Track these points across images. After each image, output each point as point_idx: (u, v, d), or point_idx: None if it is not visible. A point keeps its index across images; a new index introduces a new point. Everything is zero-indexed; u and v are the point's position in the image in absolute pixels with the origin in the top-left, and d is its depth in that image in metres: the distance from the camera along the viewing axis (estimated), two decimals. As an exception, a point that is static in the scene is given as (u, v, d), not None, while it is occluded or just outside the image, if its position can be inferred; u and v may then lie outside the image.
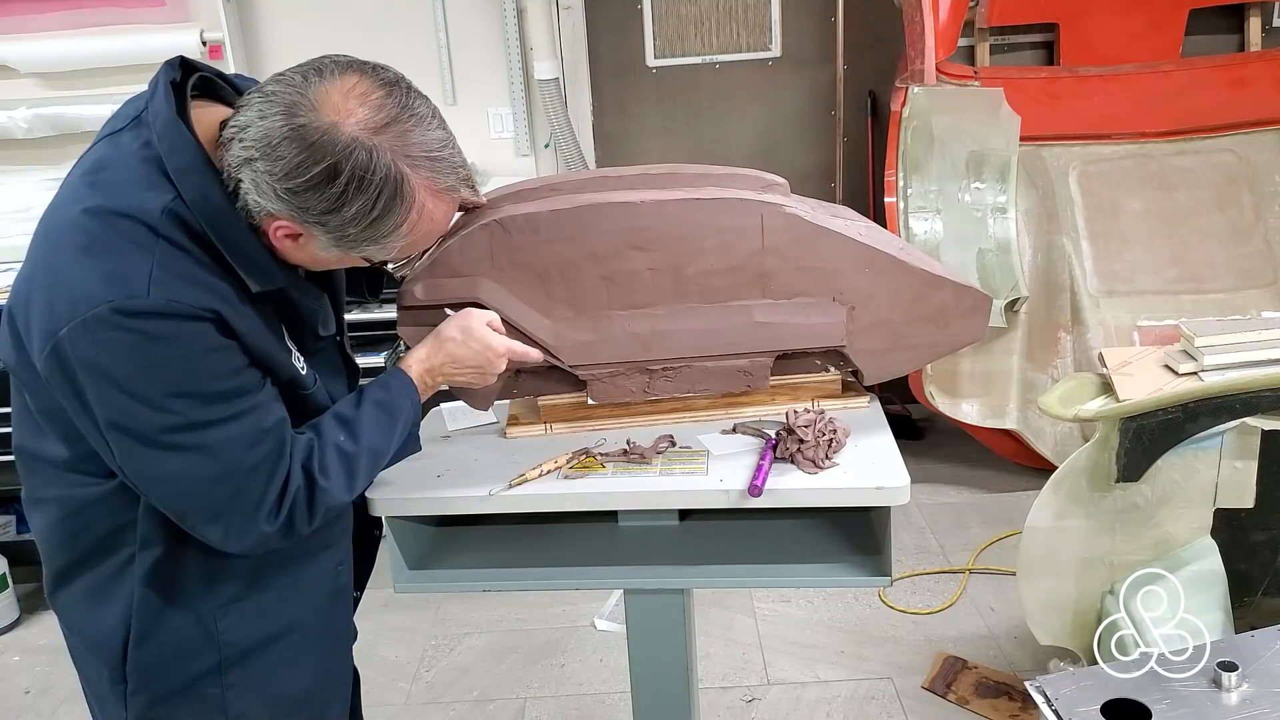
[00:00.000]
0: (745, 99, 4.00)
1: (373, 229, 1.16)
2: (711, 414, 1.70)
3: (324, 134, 1.09)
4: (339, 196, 1.11)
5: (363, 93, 1.12)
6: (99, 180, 1.16)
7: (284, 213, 1.13)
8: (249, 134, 1.11)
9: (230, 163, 1.13)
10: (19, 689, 2.87)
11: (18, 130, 3.68)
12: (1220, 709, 1.37)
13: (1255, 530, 2.18)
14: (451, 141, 1.23)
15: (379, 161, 1.12)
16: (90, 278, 1.07)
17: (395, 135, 1.14)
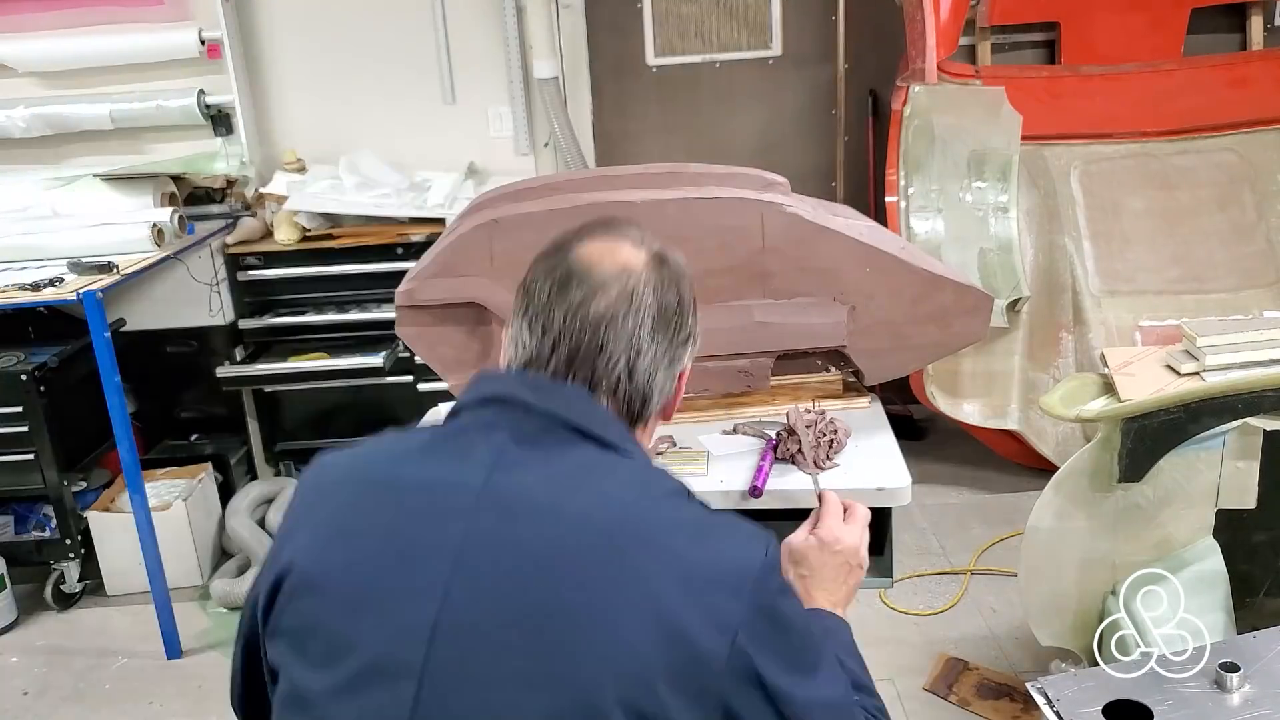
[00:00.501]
0: (745, 98, 3.99)
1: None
2: (711, 414, 1.69)
3: (656, 266, 1.05)
4: (691, 301, 1.09)
5: (614, 244, 1.07)
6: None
7: (681, 356, 1.07)
8: (617, 360, 1.00)
9: (631, 395, 1.02)
10: (17, 690, 2.86)
11: (16, 130, 3.68)
12: (1222, 710, 1.37)
13: (1257, 531, 2.17)
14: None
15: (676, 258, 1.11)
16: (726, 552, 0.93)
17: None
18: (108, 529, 3.19)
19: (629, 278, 1.01)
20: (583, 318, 1.00)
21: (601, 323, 1.00)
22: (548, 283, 1.03)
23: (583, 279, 1.01)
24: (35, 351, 3.09)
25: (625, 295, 1.01)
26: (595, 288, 1.01)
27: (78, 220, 3.23)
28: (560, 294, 1.01)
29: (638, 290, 1.01)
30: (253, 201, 3.72)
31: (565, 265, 1.03)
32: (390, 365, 3.43)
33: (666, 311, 1.03)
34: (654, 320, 1.01)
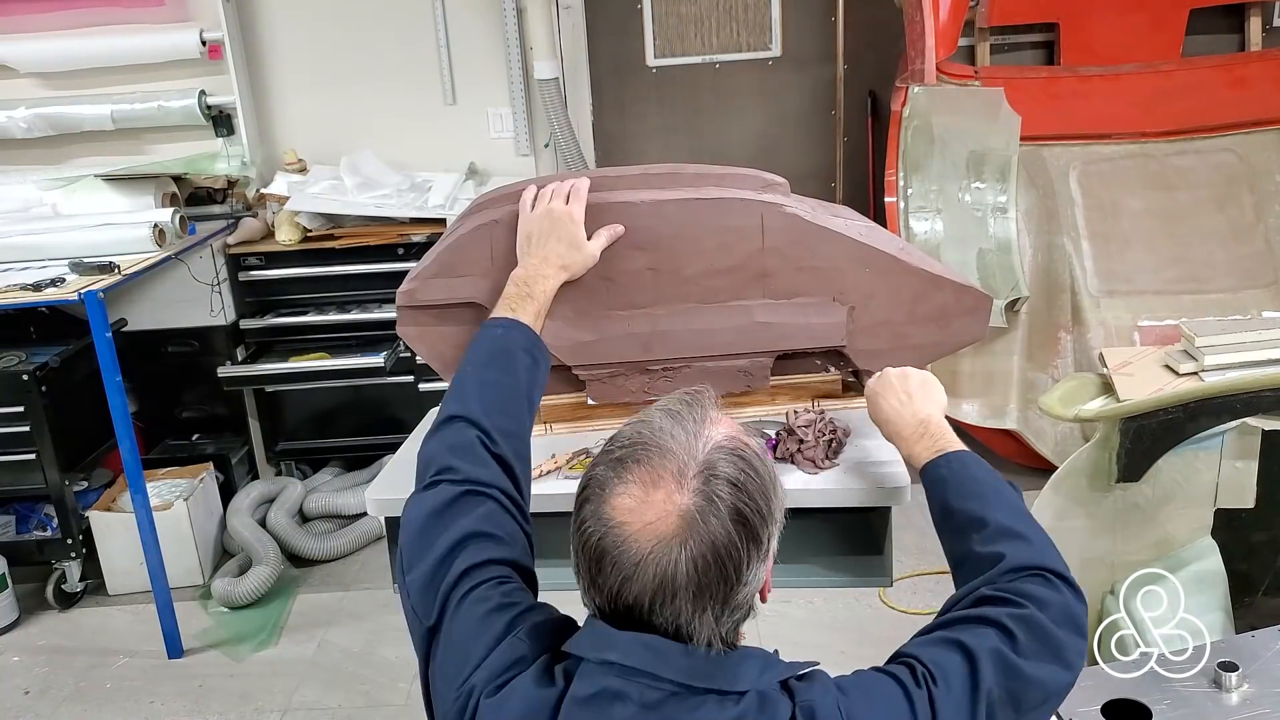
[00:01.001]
0: (745, 99, 4.00)
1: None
2: (711, 414, 1.69)
3: (700, 514, 0.93)
4: (762, 505, 0.96)
5: (646, 494, 0.95)
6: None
7: (762, 559, 0.96)
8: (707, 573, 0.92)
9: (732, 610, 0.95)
10: (19, 689, 2.86)
11: (17, 130, 3.69)
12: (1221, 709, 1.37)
13: (1256, 530, 2.17)
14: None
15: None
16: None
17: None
18: (109, 529, 3.19)
19: (660, 554, 0.91)
20: (625, 605, 0.94)
21: (641, 608, 0.93)
22: (584, 556, 0.95)
23: (615, 559, 0.92)
24: (37, 351, 3.10)
25: (660, 583, 0.91)
26: (627, 574, 0.92)
27: (79, 220, 3.23)
28: (597, 572, 0.94)
29: (670, 570, 0.91)
30: (254, 202, 3.73)
31: (597, 534, 0.94)
32: (391, 365, 3.44)
33: (721, 563, 0.91)
34: (697, 589, 0.91)
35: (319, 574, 3.34)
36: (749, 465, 0.95)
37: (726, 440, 0.97)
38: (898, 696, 0.96)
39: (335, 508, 3.52)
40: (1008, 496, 1.21)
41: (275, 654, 2.94)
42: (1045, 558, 1.12)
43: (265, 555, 3.23)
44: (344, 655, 2.91)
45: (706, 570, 0.91)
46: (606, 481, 0.95)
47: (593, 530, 0.94)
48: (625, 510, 0.93)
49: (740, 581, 0.93)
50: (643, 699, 0.92)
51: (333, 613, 3.11)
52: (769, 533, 0.96)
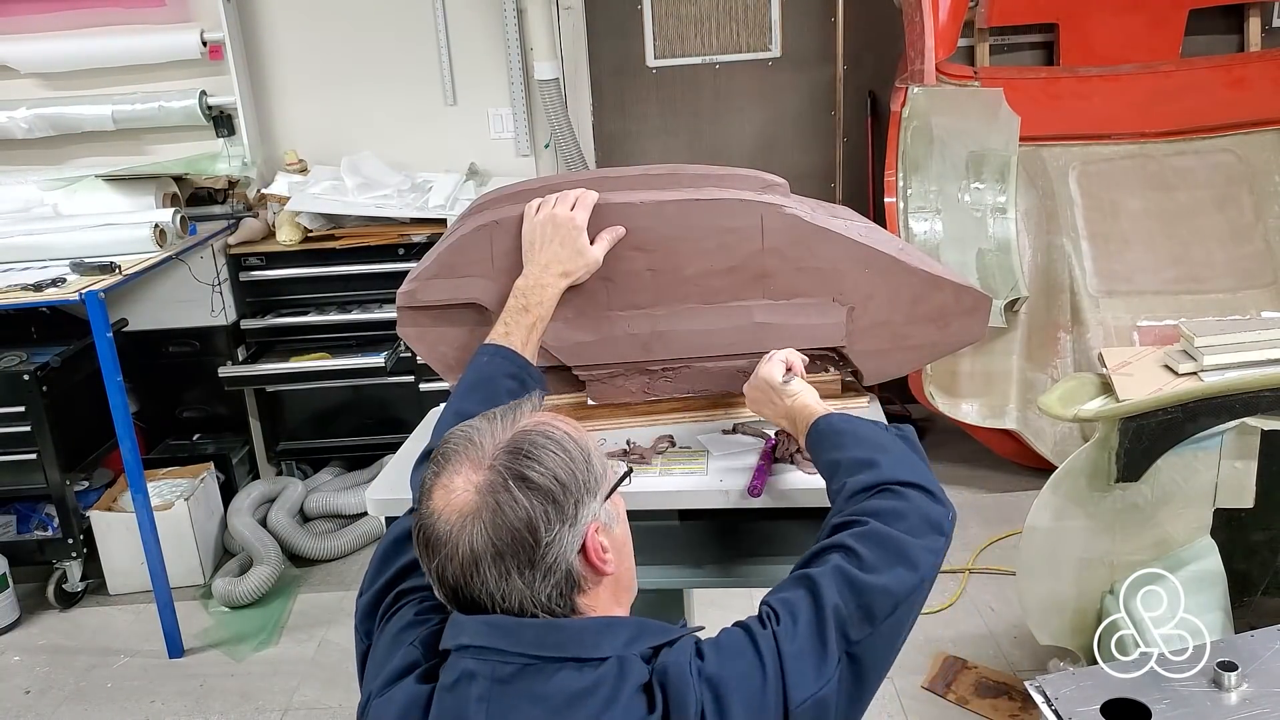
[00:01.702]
0: (745, 99, 4.00)
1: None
2: (711, 414, 1.70)
3: (493, 490, 1.00)
4: (562, 479, 1.02)
5: (449, 481, 1.03)
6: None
7: (568, 531, 1.01)
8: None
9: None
10: (19, 689, 2.87)
11: (18, 130, 3.69)
12: (1220, 709, 1.37)
13: (1255, 530, 2.18)
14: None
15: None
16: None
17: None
18: (110, 528, 3.20)
19: (464, 527, 0.98)
20: (452, 590, 1.01)
21: (461, 587, 1.00)
22: (418, 545, 1.03)
23: (434, 544, 1.00)
24: (38, 351, 3.10)
25: (467, 555, 0.98)
26: (445, 554, 0.99)
27: (80, 221, 3.24)
28: (429, 562, 1.02)
29: (471, 541, 0.98)
30: (254, 202, 3.73)
31: (423, 528, 1.02)
32: (392, 365, 3.44)
33: (513, 527, 0.97)
34: (495, 555, 0.97)
35: (319, 574, 3.34)
36: (549, 440, 1.02)
37: (533, 425, 1.04)
38: (745, 643, 1.02)
39: (336, 507, 3.53)
40: (862, 435, 1.30)
41: (276, 654, 2.95)
42: (893, 473, 1.19)
43: (266, 555, 3.23)
44: (344, 655, 2.91)
45: (499, 533, 0.97)
46: (429, 479, 1.03)
47: (421, 525, 1.02)
48: (438, 500, 1.01)
49: (540, 543, 0.98)
50: (495, 675, 0.98)
51: (333, 612, 3.12)
52: (574, 498, 1.00)
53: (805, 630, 1.02)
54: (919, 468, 1.22)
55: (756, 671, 0.99)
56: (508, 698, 0.97)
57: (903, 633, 1.08)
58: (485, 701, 0.97)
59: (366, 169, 3.65)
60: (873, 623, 1.04)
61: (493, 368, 1.40)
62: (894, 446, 1.26)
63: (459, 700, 0.98)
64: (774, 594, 1.08)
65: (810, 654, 1.01)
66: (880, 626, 1.05)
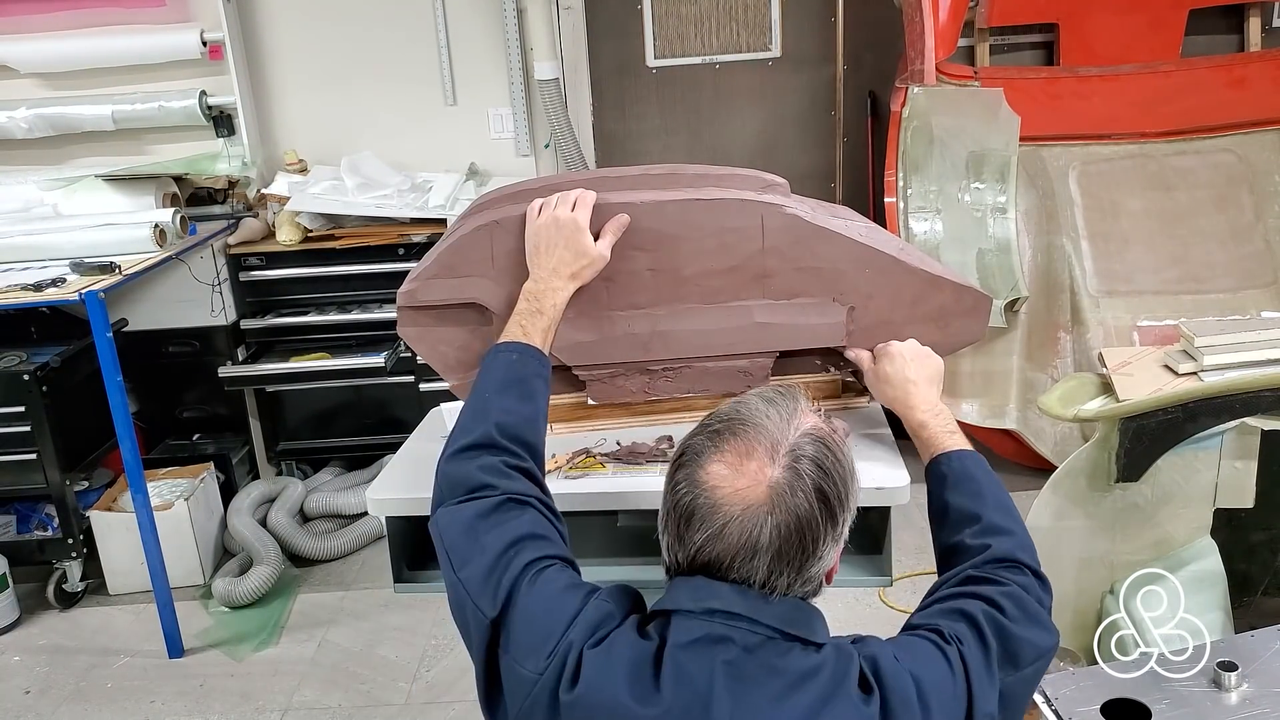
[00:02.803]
0: (745, 99, 4.00)
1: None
2: (711, 414, 1.70)
3: (787, 487, 1.03)
4: (842, 489, 1.07)
5: (740, 463, 1.05)
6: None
7: (834, 543, 1.07)
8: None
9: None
10: (19, 689, 2.87)
11: (18, 130, 3.69)
12: (1220, 708, 1.37)
13: (1255, 530, 2.18)
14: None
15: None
16: None
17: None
18: (110, 528, 3.20)
19: (747, 518, 1.01)
20: (704, 562, 1.03)
21: (722, 564, 1.03)
22: (674, 514, 1.05)
23: (705, 518, 1.02)
24: (37, 351, 3.10)
25: (744, 542, 1.01)
26: (714, 532, 1.02)
27: (80, 221, 3.24)
28: (685, 529, 1.04)
29: (755, 534, 1.01)
30: (254, 202, 3.73)
31: (690, 495, 1.03)
32: (392, 365, 3.44)
33: (801, 532, 1.02)
34: (776, 553, 1.02)
35: (319, 574, 3.34)
36: (832, 452, 1.06)
37: (814, 428, 1.07)
38: (936, 654, 1.07)
39: (336, 507, 3.53)
40: (999, 497, 1.32)
41: (276, 654, 2.95)
42: (1023, 552, 1.23)
43: (266, 555, 3.23)
44: (344, 655, 2.91)
45: (788, 538, 1.01)
46: (703, 450, 1.05)
47: (686, 491, 1.04)
48: (719, 476, 1.03)
49: (815, 554, 1.03)
50: (744, 642, 1.01)
51: (333, 612, 3.12)
52: (844, 516, 1.06)
53: (977, 657, 1.08)
54: (1036, 555, 1.26)
55: (949, 678, 1.05)
56: (750, 666, 1.00)
57: (1031, 691, 1.15)
58: (732, 666, 1.00)
59: (366, 169, 3.65)
60: (1017, 668, 1.10)
61: (525, 367, 1.37)
62: (1020, 523, 1.30)
63: (702, 661, 1.00)
64: (933, 619, 1.13)
65: (984, 678, 1.07)
66: (1022, 673, 1.11)
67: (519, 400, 1.32)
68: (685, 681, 0.99)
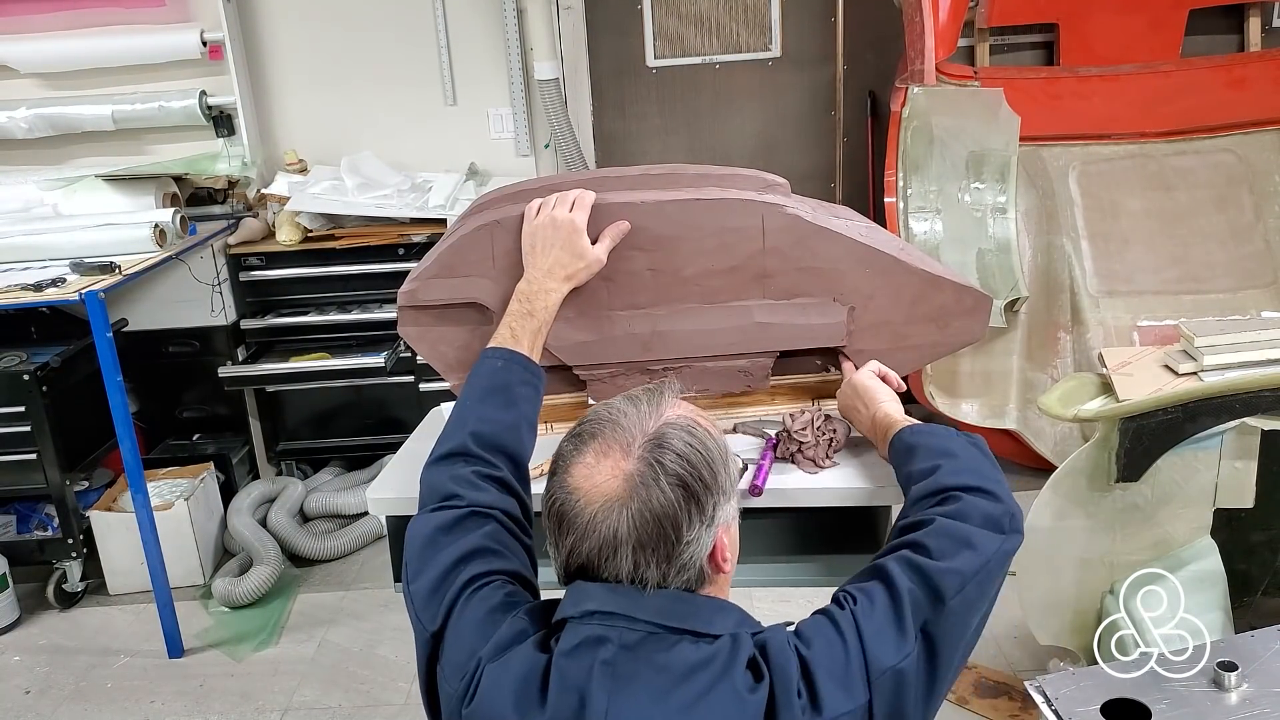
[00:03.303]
0: (745, 99, 4.00)
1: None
2: (711, 414, 1.70)
3: (644, 479, 1.04)
4: (707, 475, 1.07)
5: (596, 462, 1.07)
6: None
7: (706, 528, 1.06)
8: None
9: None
10: (19, 689, 2.87)
11: (18, 130, 3.69)
12: (1220, 709, 1.37)
13: (1255, 530, 2.18)
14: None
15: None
16: None
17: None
18: (110, 528, 3.20)
19: (608, 512, 1.02)
20: (579, 565, 1.05)
21: (592, 564, 1.04)
22: (550, 522, 1.07)
23: (571, 520, 1.04)
24: (37, 351, 3.10)
25: (606, 537, 1.02)
26: (580, 532, 1.03)
27: (80, 221, 3.24)
28: (558, 535, 1.06)
29: (614, 526, 1.02)
30: (254, 202, 3.73)
31: (558, 500, 1.05)
32: (392, 365, 3.44)
33: (659, 520, 1.02)
34: (637, 544, 1.02)
35: (319, 574, 3.34)
36: (694, 438, 1.06)
37: (678, 418, 1.08)
38: (824, 623, 1.08)
39: (336, 507, 3.53)
40: (931, 445, 1.32)
41: (275, 654, 2.95)
42: (954, 478, 1.23)
43: (266, 555, 3.23)
44: (344, 655, 2.91)
45: (645, 526, 1.01)
46: (568, 454, 1.08)
47: (555, 497, 1.06)
48: (580, 477, 1.05)
49: (680, 540, 1.03)
50: (622, 640, 1.02)
51: (333, 612, 3.12)
52: (714, 501, 1.05)
53: (882, 610, 1.08)
54: (981, 471, 1.26)
55: (838, 645, 1.05)
56: (631, 664, 1.01)
57: (975, 612, 1.13)
58: (610, 665, 1.00)
59: (366, 169, 3.65)
60: (943, 601, 1.09)
61: (509, 374, 1.39)
62: (962, 452, 1.29)
63: (581, 665, 1.01)
64: (849, 584, 1.14)
65: (888, 630, 1.06)
66: (950, 604, 1.09)
67: (499, 408, 1.33)
68: (566, 688, 1.00)
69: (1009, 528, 1.19)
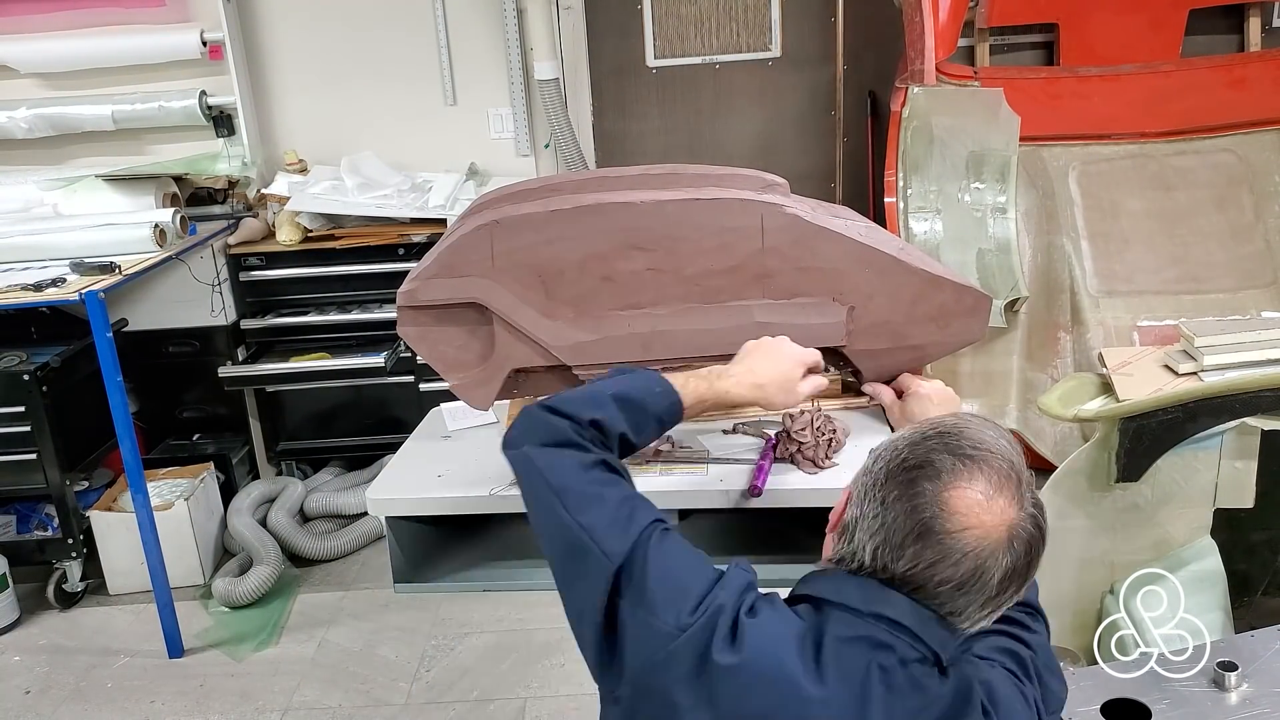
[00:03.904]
0: (745, 99, 4.00)
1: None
2: (711, 414, 1.70)
3: (1026, 535, 1.04)
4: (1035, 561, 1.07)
5: (989, 501, 1.03)
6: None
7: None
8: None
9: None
10: (19, 689, 2.87)
11: (18, 130, 3.69)
12: (1220, 708, 1.37)
13: (1255, 530, 2.18)
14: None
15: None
16: None
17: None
18: (110, 528, 3.20)
19: (985, 556, 1.00)
20: (903, 575, 1.02)
21: (936, 582, 1.02)
22: (907, 521, 1.02)
23: (939, 542, 1.00)
24: (37, 351, 3.10)
25: (970, 578, 1.01)
26: (949, 560, 1.00)
27: (80, 221, 3.24)
28: (911, 542, 1.02)
29: (988, 574, 1.01)
30: (254, 202, 3.73)
31: (929, 513, 1.01)
32: (392, 365, 3.44)
33: (1011, 586, 1.03)
34: (995, 594, 1.02)
35: (319, 574, 3.34)
36: (1038, 497, 1.06)
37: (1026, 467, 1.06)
38: (1016, 689, 1.10)
39: (336, 508, 3.53)
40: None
41: (275, 654, 2.95)
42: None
43: (266, 555, 3.23)
44: (344, 655, 2.91)
45: (1005, 578, 1.01)
46: (955, 471, 1.02)
47: (927, 507, 1.01)
48: (967, 504, 1.00)
49: (1007, 600, 1.04)
50: (903, 654, 1.02)
51: (333, 612, 3.12)
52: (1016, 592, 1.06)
53: (1032, 696, 1.13)
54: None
55: (1026, 713, 1.10)
56: (900, 678, 1.02)
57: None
58: (885, 672, 1.01)
59: (366, 169, 3.65)
60: (1045, 715, 1.15)
61: (658, 406, 1.32)
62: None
63: (860, 659, 1.02)
64: (994, 653, 1.14)
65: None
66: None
67: (629, 426, 1.27)
68: (846, 673, 1.01)
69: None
